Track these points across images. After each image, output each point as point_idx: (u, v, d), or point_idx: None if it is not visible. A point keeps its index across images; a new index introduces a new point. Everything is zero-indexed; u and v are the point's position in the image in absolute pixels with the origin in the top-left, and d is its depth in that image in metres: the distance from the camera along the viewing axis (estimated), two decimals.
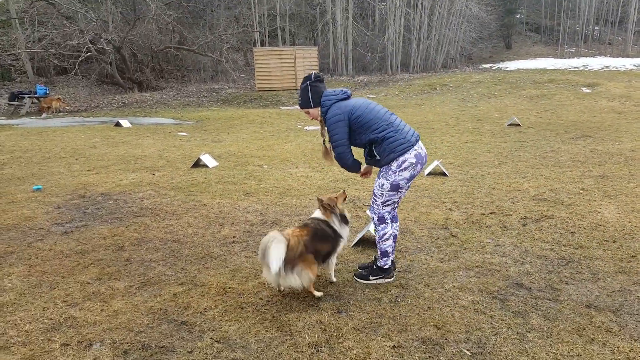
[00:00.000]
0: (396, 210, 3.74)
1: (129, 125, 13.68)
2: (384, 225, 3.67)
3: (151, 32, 24.28)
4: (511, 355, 2.82)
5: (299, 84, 20.30)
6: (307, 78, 3.56)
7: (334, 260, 3.72)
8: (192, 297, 3.56)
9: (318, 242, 3.43)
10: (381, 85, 24.40)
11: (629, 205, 5.46)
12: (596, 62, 31.39)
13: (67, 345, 3.00)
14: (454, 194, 6.16)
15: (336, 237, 3.61)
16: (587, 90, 18.77)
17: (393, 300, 3.50)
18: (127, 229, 5.10)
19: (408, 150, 3.46)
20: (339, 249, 3.69)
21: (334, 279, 3.81)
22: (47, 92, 18.57)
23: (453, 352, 2.87)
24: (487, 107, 16.14)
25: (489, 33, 36.04)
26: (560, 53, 36.05)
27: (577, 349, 2.85)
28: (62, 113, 17.53)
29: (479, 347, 2.92)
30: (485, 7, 31.82)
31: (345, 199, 3.81)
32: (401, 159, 3.45)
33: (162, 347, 2.96)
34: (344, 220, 3.68)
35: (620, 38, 38.82)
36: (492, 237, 4.67)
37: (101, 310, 3.41)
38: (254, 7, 28.10)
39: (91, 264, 4.22)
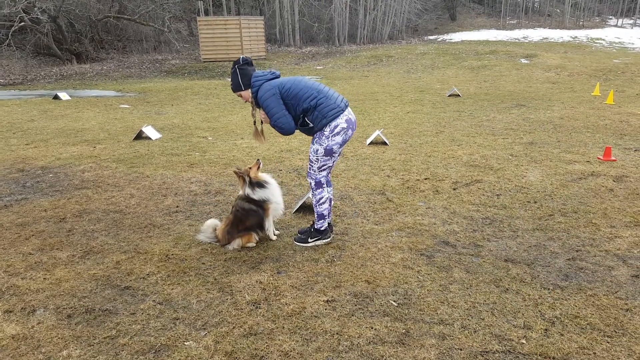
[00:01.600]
0: (330, 175, 3.94)
1: (68, 98, 13.02)
2: (320, 189, 3.86)
3: (89, 1, 22.83)
4: (433, 305, 3.11)
5: (246, 54, 19.99)
6: (236, 62, 3.68)
7: (267, 223, 3.97)
8: (135, 264, 3.62)
9: (239, 224, 3.86)
10: (329, 57, 24.40)
11: (552, 169, 5.94)
12: (536, 34, 32.76)
13: (10, 312, 3.02)
14: (392, 162, 6.45)
15: (259, 206, 3.87)
16: (526, 61, 19.68)
17: (330, 260, 3.72)
18: (68, 201, 5.01)
19: (339, 115, 3.63)
20: (273, 212, 3.96)
21: (273, 238, 4.07)
22: None
23: (381, 303, 3.13)
24: (430, 79, 16.62)
25: (434, 4, 36.65)
26: (503, 25, 37.27)
27: (492, 298, 3.18)
28: None
29: (405, 298, 3.20)
30: None
31: (259, 168, 3.99)
32: (333, 124, 3.62)
33: (105, 310, 3.03)
34: (258, 185, 3.88)
35: (558, 10, 40.57)
36: (425, 201, 4.99)
37: (44, 278, 3.42)
38: None
39: (32, 235, 4.17)
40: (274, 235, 4.11)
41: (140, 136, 7.89)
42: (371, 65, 21.34)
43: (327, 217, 3.94)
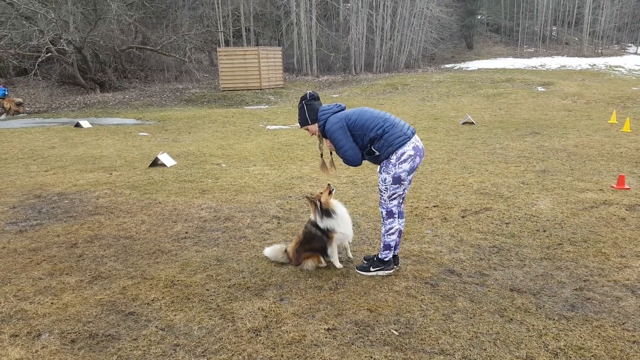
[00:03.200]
0: (402, 206, 3.92)
1: (89, 125, 13.48)
2: (391, 219, 3.81)
3: (113, 32, 23.83)
4: (435, 334, 3.08)
5: (264, 83, 20.38)
6: (303, 97, 3.78)
7: (330, 250, 4.04)
8: (140, 290, 3.68)
9: (306, 244, 4.03)
10: (345, 85, 24.78)
11: (563, 198, 5.87)
12: (553, 62, 32.74)
13: (16, 336, 3.10)
14: None
15: (324, 233, 3.95)
16: (542, 89, 19.62)
17: (333, 287, 3.73)
18: (81, 226, 5.15)
19: (405, 142, 3.61)
20: (336, 240, 3.99)
21: (338, 265, 4.10)
22: (7, 93, 18.02)
23: (382, 332, 3.11)
24: (444, 106, 16.68)
25: (451, 34, 37.01)
26: (520, 53, 37.39)
27: (496, 328, 3.13)
28: (21, 115, 17.06)
29: (407, 327, 3.17)
30: (445, 9, 32.69)
31: (330, 193, 4.01)
32: (399, 151, 3.60)
33: (108, 335, 3.09)
34: (326, 213, 3.91)
35: (576, 38, 40.56)
36: (432, 229, 4.97)
37: (51, 303, 3.50)
38: (218, 8, 27.98)
39: (44, 260, 4.29)
40: (339, 263, 4.12)
41: (155, 163, 8.10)
42: (387, 93, 21.56)
43: (392, 248, 3.90)
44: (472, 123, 12.33)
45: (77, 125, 13.39)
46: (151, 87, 24.09)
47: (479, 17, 41.85)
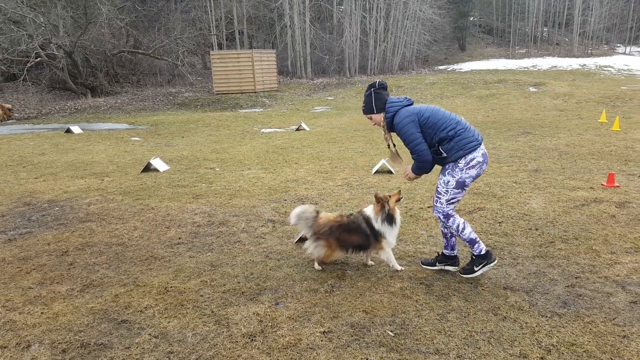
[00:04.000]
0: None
1: (80, 131, 13.41)
2: (452, 219, 3.69)
3: (104, 36, 23.75)
4: (430, 334, 3.08)
5: (258, 86, 20.32)
6: (372, 85, 3.70)
7: (385, 256, 3.95)
8: (133, 297, 3.66)
9: (344, 232, 3.88)
10: (339, 87, 24.83)
11: (555, 196, 5.90)
12: (545, 62, 33.00)
13: (5, 347, 3.06)
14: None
15: (372, 234, 3.85)
16: (534, 90, 19.76)
17: (329, 290, 3.72)
18: (72, 234, 5.12)
19: (476, 148, 3.53)
20: (381, 247, 3.90)
21: (370, 263, 4.12)
22: None
23: (378, 333, 3.11)
24: None
25: (444, 35, 37.21)
26: (512, 54, 37.64)
27: (490, 326, 3.14)
28: (10, 121, 16.93)
29: (402, 328, 3.17)
30: (438, 11, 32.86)
31: (399, 200, 3.95)
32: (469, 156, 3.52)
33: (100, 344, 3.06)
34: (389, 219, 3.83)
35: (567, 39, 40.90)
36: (427, 229, 4.98)
37: (41, 313, 3.46)
38: (211, 11, 27.97)
39: (33, 269, 4.24)
40: (371, 262, 4.16)
41: (148, 168, 8.07)
42: None
43: (477, 240, 3.70)
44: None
45: (68, 131, 13.32)
46: (143, 92, 24.03)
47: (471, 19, 42.14)
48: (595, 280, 3.70)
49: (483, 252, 3.70)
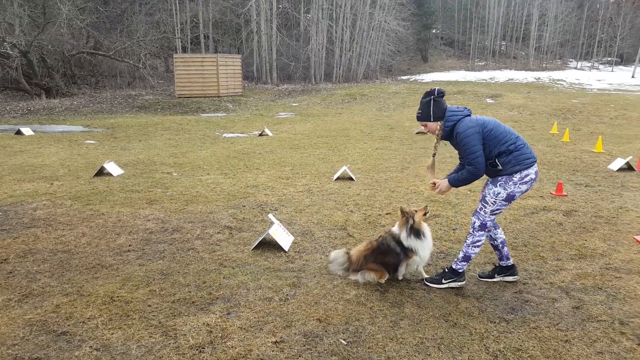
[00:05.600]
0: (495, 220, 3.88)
1: (31, 133, 12.80)
2: (482, 232, 3.72)
3: (63, 37, 22.87)
4: (382, 342, 3.08)
5: (222, 91, 20.06)
6: (431, 93, 3.65)
7: (402, 269, 3.94)
8: (76, 308, 3.47)
9: (379, 255, 3.89)
10: (305, 94, 24.88)
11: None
12: (502, 75, 34.27)
13: None
14: (357, 197, 6.50)
15: (402, 250, 3.82)
16: (491, 101, 20.42)
17: (283, 298, 3.66)
18: (14, 240, 4.83)
19: (532, 165, 3.58)
20: (412, 262, 3.87)
21: (400, 277, 4.02)
22: None
23: (330, 342, 3.07)
24: (400, 116, 17.05)
25: (407, 47, 38.05)
26: (471, 66, 38.92)
27: (441, 333, 3.17)
28: None
29: (355, 336, 3.15)
30: (402, 23, 33.57)
31: (425, 214, 3.91)
32: (525, 172, 3.55)
33: (36, 358, 2.87)
34: (415, 234, 3.79)
35: (523, 53, 42.66)
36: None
37: None
38: (176, 14, 27.51)
39: None
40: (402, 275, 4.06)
41: (101, 172, 7.76)
42: (345, 103, 21.80)
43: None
44: (425, 133, 12.62)
45: (18, 132, 12.69)
46: (102, 94, 23.26)
47: (433, 31, 43.34)
48: (542, 287, 3.81)
49: (461, 270, 3.82)
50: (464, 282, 3.85)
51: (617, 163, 8.11)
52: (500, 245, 3.87)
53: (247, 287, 3.85)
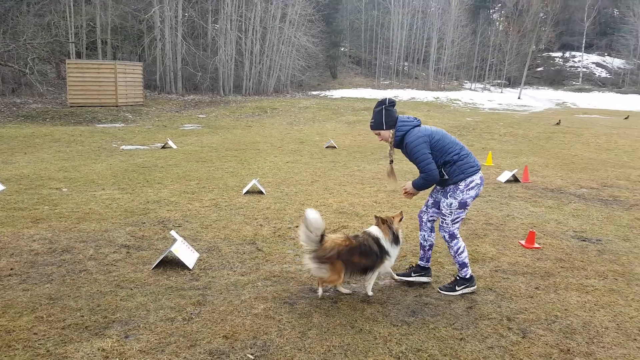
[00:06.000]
0: (432, 223, 4.12)
1: None
2: (455, 240, 3.91)
3: None
4: (290, 353, 3.07)
5: (120, 100, 18.88)
6: (382, 102, 3.83)
7: (372, 277, 3.88)
8: None
9: (357, 255, 3.71)
10: (212, 106, 24.35)
11: (408, 214, 6.39)
12: (405, 94, 36.54)
13: None
14: (267, 211, 6.46)
15: (382, 254, 3.79)
16: None
17: (187, 318, 3.50)
18: None
19: (476, 172, 3.81)
20: (385, 266, 3.87)
21: (370, 293, 3.93)
22: None
23: (237, 358, 2.99)
24: (310, 131, 17.38)
25: (317, 63, 39.09)
26: (377, 84, 41.01)
27: (347, 339, 3.24)
28: None
29: (263, 349, 3.11)
30: (312, 39, 34.44)
31: (401, 220, 3.98)
32: (469, 179, 3.77)
33: None
34: (395, 240, 3.86)
35: (424, 74, 45.91)
36: (294, 249, 5.03)
37: None
38: (70, 17, 25.50)
39: None
40: (371, 292, 3.95)
41: None
42: (255, 116, 21.71)
43: (468, 265, 3.95)
44: (335, 147, 13.01)
45: None
46: None
47: (342, 49, 44.98)
48: (439, 290, 4.07)
49: (468, 276, 3.97)
50: (475, 286, 4.02)
51: (505, 175, 8.97)
52: (427, 247, 4.14)
53: (147, 308, 3.63)
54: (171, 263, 4.43)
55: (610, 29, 52.79)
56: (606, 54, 54.39)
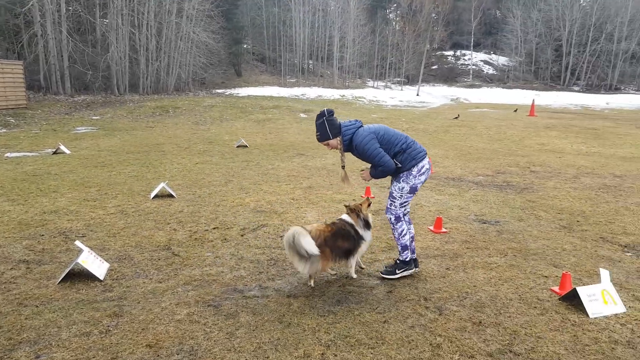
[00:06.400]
0: (409, 216, 4.29)
1: None
2: (400, 223, 4.14)
3: None
4: (220, 354, 3.03)
5: (0, 102, 16.79)
6: (322, 114, 3.99)
7: (354, 260, 4.17)
8: None
9: (339, 239, 3.99)
10: (107, 106, 22.71)
11: (326, 209, 6.60)
12: (312, 92, 37.12)
13: None
14: (179, 214, 6.23)
15: (358, 238, 4.08)
16: (304, 116, 21.94)
17: (104, 330, 3.30)
18: None
19: (424, 157, 4.06)
20: (361, 250, 4.18)
21: (354, 275, 4.25)
22: None
23: None
24: (218, 130, 16.98)
25: (219, 60, 38.12)
26: (284, 82, 41.13)
27: (276, 334, 3.28)
28: None
29: (191, 354, 3.03)
30: (212, 35, 33.50)
31: (369, 206, 4.27)
32: (420, 164, 4.02)
33: None
34: (366, 225, 4.14)
35: (328, 72, 46.97)
36: (213, 250, 4.93)
37: None
38: None
39: None
40: (355, 274, 4.26)
41: None
42: (157, 115, 20.64)
43: (409, 248, 4.17)
44: (246, 146, 12.86)
45: None
46: None
47: (245, 46, 44.34)
48: (361, 277, 4.28)
49: (408, 259, 4.22)
50: (413, 270, 4.28)
51: None
52: (410, 240, 4.26)
53: (57, 324, 3.35)
54: (79, 275, 4.13)
55: (494, 29, 58.18)
56: (492, 52, 59.73)
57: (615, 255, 4.88)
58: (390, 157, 4.00)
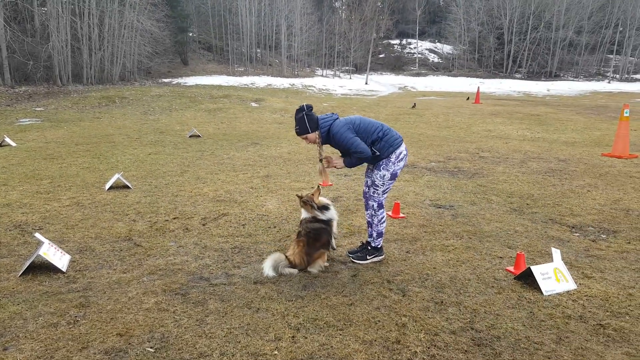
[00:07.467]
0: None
1: None
2: (382, 210, 4.30)
3: None
4: (191, 341, 3.11)
5: None
6: (301, 109, 4.09)
7: (334, 240, 4.55)
8: None
9: (316, 242, 4.20)
10: (50, 97, 21.53)
11: (285, 197, 6.72)
12: (262, 81, 36.75)
13: None
14: (137, 205, 6.16)
15: (326, 224, 4.28)
16: (256, 105, 21.78)
17: (72, 321, 3.29)
18: None
19: (401, 143, 4.18)
20: (334, 229, 4.45)
21: (335, 247, 4.70)
22: None
23: (137, 353, 2.94)
24: (169, 120, 16.59)
25: (165, 48, 36.90)
26: (232, 71, 40.41)
27: (247, 320, 3.38)
28: None
29: (162, 341, 3.09)
30: (157, 23, 32.33)
31: (320, 194, 4.41)
32: (398, 151, 4.13)
33: None
34: (324, 208, 4.32)
35: (277, 61, 46.58)
36: (175, 240, 4.95)
37: None
38: None
39: None
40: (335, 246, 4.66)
41: None
42: (103, 106, 19.81)
43: (383, 236, 4.40)
44: (199, 136, 12.69)
45: None
46: None
47: (190, 35, 43.02)
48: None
49: (379, 245, 4.43)
50: (384, 256, 4.48)
51: None
52: (384, 227, 4.47)
53: (23, 317, 3.31)
54: (41, 268, 4.05)
55: (439, 18, 59.54)
56: (437, 40, 61.13)
57: (564, 236, 5.19)
58: (368, 146, 4.13)
